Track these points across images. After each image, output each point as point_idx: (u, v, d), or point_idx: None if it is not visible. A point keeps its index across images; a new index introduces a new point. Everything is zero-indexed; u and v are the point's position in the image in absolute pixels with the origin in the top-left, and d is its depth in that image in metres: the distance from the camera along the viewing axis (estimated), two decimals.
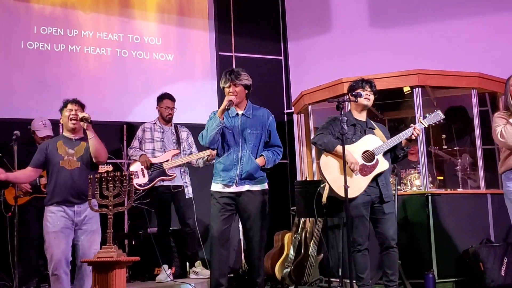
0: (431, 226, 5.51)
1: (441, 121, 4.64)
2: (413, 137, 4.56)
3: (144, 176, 5.77)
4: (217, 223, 4.36)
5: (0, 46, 6.66)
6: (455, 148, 6.63)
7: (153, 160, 5.83)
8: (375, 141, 4.57)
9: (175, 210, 5.93)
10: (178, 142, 5.99)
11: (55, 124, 5.72)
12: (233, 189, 4.38)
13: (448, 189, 6.12)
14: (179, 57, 7.52)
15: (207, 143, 4.37)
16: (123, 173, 4.01)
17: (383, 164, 4.52)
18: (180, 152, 5.92)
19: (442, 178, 6.80)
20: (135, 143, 5.97)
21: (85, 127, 4.47)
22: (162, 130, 5.99)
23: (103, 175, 4.02)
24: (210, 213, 4.42)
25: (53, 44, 6.88)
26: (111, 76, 7.12)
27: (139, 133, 6.01)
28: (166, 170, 5.80)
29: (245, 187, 4.38)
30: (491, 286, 5.26)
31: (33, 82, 6.71)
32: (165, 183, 5.82)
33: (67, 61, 6.93)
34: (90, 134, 4.49)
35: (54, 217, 4.40)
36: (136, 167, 5.83)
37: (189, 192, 5.92)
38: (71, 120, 4.54)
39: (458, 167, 6.51)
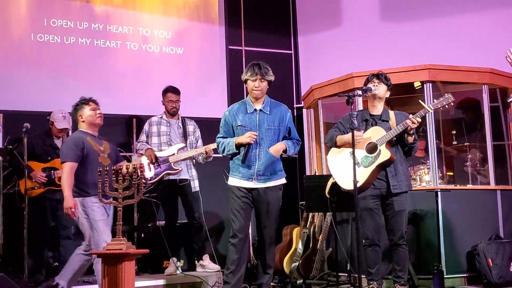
0: (440, 222, 5.49)
1: (451, 104, 4.54)
2: (410, 128, 4.45)
3: (150, 170, 5.77)
4: (239, 218, 4.41)
5: (11, 38, 6.68)
6: (465, 144, 6.59)
7: (159, 154, 5.82)
8: (379, 132, 4.57)
9: (182, 204, 5.92)
10: (185, 135, 5.97)
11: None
12: (252, 185, 4.43)
13: (458, 185, 6.09)
14: (189, 51, 7.51)
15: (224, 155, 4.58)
16: (133, 166, 4.02)
17: (384, 154, 4.50)
18: (186, 146, 5.91)
19: (451, 174, 6.76)
20: (142, 137, 5.98)
21: None
22: (168, 124, 5.98)
23: (113, 168, 4.04)
24: (218, 206, 4.43)
25: (63, 37, 6.88)
26: (120, 69, 7.12)
27: (146, 127, 6.01)
28: (172, 164, 5.80)
29: (263, 184, 4.43)
30: (499, 283, 5.25)
31: (43, 75, 6.72)
32: (171, 176, 5.82)
33: (77, 54, 6.93)
34: None
35: (100, 207, 4.57)
36: (142, 161, 5.79)
37: (195, 185, 5.89)
38: (99, 117, 4.76)
39: (467, 163, 6.47)
